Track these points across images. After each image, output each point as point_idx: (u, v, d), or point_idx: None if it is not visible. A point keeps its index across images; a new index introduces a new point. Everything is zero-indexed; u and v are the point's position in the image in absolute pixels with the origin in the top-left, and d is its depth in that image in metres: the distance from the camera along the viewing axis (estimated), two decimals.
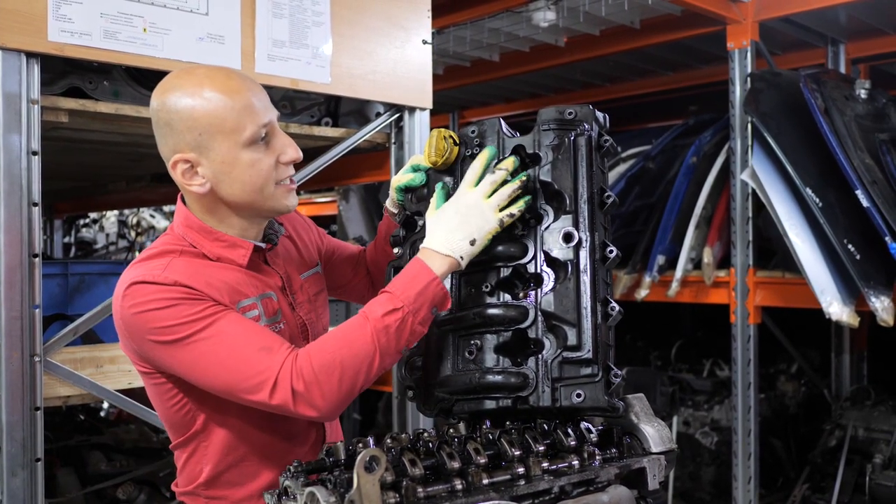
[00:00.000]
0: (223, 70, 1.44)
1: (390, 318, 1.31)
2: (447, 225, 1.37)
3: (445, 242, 1.36)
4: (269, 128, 1.42)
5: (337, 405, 1.31)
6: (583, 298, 1.33)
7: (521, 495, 1.18)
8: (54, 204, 5.20)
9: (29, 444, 1.84)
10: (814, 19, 3.62)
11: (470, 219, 1.36)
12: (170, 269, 1.36)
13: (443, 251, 1.35)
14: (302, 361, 1.29)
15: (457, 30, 3.65)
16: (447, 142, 1.47)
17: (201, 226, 1.45)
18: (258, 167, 1.40)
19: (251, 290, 1.44)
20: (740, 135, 3.41)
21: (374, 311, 1.33)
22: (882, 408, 3.59)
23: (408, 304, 1.32)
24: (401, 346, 1.34)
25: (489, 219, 1.36)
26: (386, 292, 1.35)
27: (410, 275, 1.35)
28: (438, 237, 1.37)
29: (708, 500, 3.97)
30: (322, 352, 1.30)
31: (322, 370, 1.28)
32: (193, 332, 1.31)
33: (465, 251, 1.36)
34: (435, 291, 1.34)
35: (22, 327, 1.84)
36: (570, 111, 1.42)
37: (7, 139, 1.82)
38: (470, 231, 1.35)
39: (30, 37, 1.82)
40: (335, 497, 1.07)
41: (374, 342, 1.30)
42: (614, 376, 1.31)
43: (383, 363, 1.32)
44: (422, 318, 1.33)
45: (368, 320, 1.32)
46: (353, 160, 2.83)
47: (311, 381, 1.27)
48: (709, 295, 3.63)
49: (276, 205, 1.45)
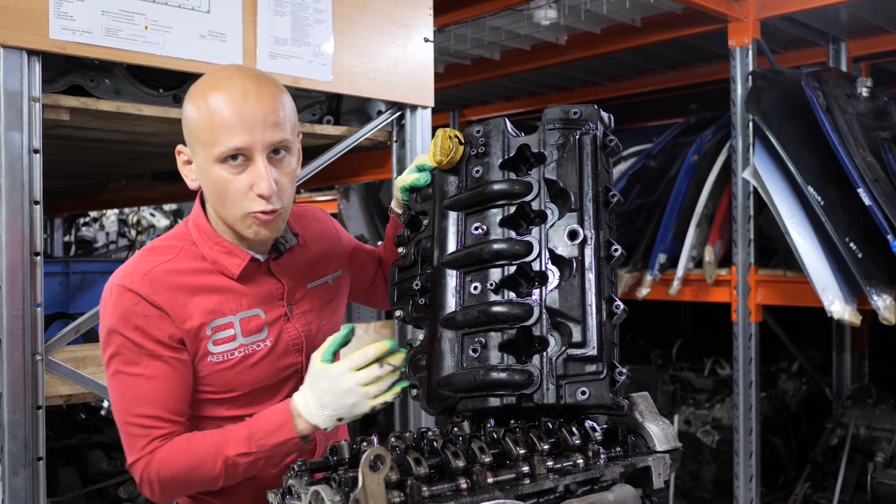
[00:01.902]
0: (239, 80, 1.38)
1: (242, 459, 1.37)
2: (319, 399, 1.37)
3: (314, 413, 1.38)
4: (246, 151, 1.37)
5: (169, 500, 1.46)
6: (588, 296, 1.32)
7: (525, 494, 1.17)
8: (55, 202, 5.20)
9: (30, 442, 1.84)
10: (815, 17, 3.61)
11: (342, 401, 1.37)
12: (152, 275, 1.40)
13: (310, 420, 1.38)
14: (155, 466, 1.38)
15: (458, 28, 3.65)
16: (452, 141, 1.47)
17: (206, 227, 1.47)
18: (225, 187, 1.39)
19: (231, 308, 1.45)
20: (741, 133, 3.41)
21: (230, 447, 1.37)
22: (883, 406, 3.59)
23: (262, 452, 1.37)
24: (247, 476, 1.41)
25: (360, 405, 1.37)
26: (248, 429, 1.38)
27: (275, 425, 1.38)
28: (309, 404, 1.38)
29: (709, 498, 3.97)
30: (171, 463, 1.38)
31: (166, 482, 1.39)
32: (117, 367, 1.40)
33: (332, 424, 1.39)
34: (292, 447, 1.39)
35: (23, 326, 1.83)
36: (575, 111, 1.42)
37: (8, 137, 1.81)
38: (339, 411, 1.37)
39: (31, 34, 1.82)
40: (340, 496, 1.07)
41: (221, 473, 1.38)
42: (619, 374, 1.31)
43: (228, 484, 1.41)
44: (275, 462, 1.40)
45: (221, 455, 1.37)
46: (354, 158, 2.83)
47: (155, 482, 1.39)
48: (710, 293, 3.63)
49: (242, 229, 1.43)
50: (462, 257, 1.42)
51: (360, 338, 2.67)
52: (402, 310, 1.52)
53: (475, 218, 1.44)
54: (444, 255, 1.45)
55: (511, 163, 1.44)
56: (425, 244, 1.50)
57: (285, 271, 1.53)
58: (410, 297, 1.50)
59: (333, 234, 1.69)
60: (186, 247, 1.46)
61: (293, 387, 1.53)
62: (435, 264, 1.46)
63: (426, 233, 1.50)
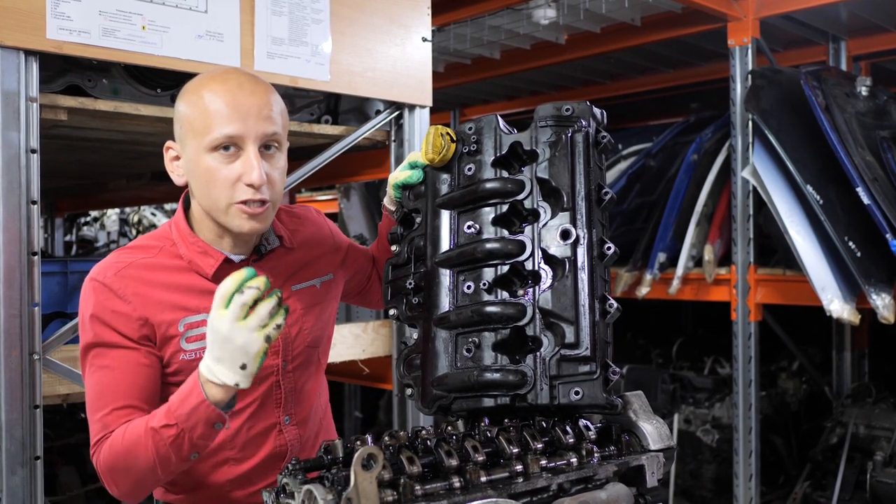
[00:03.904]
0: (235, 76, 1.42)
1: (164, 432, 1.32)
2: (211, 353, 1.29)
3: (215, 371, 1.28)
4: (238, 141, 1.38)
5: (130, 496, 1.40)
6: (580, 296, 1.32)
7: (519, 493, 1.17)
8: (55, 202, 5.21)
9: (28, 442, 1.84)
10: (815, 16, 3.61)
11: (228, 346, 1.26)
12: (124, 273, 1.42)
13: (214, 379, 1.29)
14: (101, 454, 1.37)
15: (457, 27, 3.65)
16: (444, 139, 1.47)
17: (184, 226, 1.48)
18: (214, 176, 1.39)
19: (205, 306, 1.40)
20: (741, 132, 3.40)
21: (153, 421, 1.33)
22: (883, 405, 3.59)
23: (181, 422, 1.31)
24: (184, 456, 1.33)
25: (250, 341, 1.25)
26: (167, 405, 1.34)
27: (185, 392, 1.32)
28: (209, 364, 1.29)
29: (709, 497, 3.96)
30: (112, 451, 1.36)
31: (111, 468, 1.37)
32: (87, 357, 1.42)
33: (239, 376, 1.28)
34: (208, 413, 1.29)
35: (21, 325, 1.84)
36: (567, 107, 1.42)
37: (6, 137, 1.82)
38: (236, 357, 1.26)
39: (28, 34, 1.82)
40: (332, 495, 1.07)
41: (152, 453, 1.32)
42: (612, 373, 1.31)
43: (167, 470, 1.35)
44: (199, 433, 1.32)
45: (147, 430, 1.33)
46: (353, 158, 2.83)
47: (104, 473, 1.38)
48: (710, 292, 3.63)
49: (228, 222, 1.42)
50: (455, 256, 1.42)
51: (358, 337, 2.67)
52: (395, 308, 1.52)
53: (468, 216, 1.44)
54: (438, 254, 1.45)
55: (503, 160, 1.44)
56: (418, 242, 1.50)
57: (266, 273, 1.51)
58: (404, 295, 1.50)
59: (327, 237, 1.68)
60: (166, 246, 1.48)
61: (269, 389, 1.52)
62: (428, 263, 1.46)
63: (419, 231, 1.50)
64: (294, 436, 1.56)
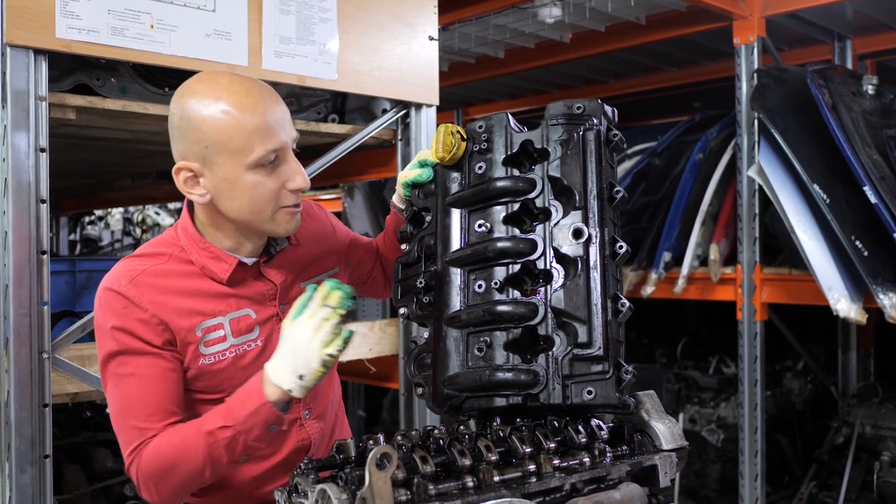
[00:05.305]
0: (246, 83, 1.40)
1: (220, 434, 1.34)
2: (282, 355, 1.35)
3: (277, 373, 1.34)
4: (280, 152, 1.39)
5: (170, 501, 1.41)
6: (593, 295, 1.32)
7: (532, 493, 1.17)
8: (60, 201, 5.22)
9: (37, 440, 1.85)
10: (820, 15, 3.60)
11: (299, 354, 1.32)
12: (139, 280, 1.41)
13: (275, 381, 1.34)
14: (143, 459, 1.36)
15: (462, 26, 3.65)
16: (455, 137, 1.46)
17: (194, 233, 1.47)
18: (260, 190, 1.39)
19: (220, 309, 1.46)
20: (747, 131, 3.40)
21: (208, 424, 1.35)
22: (889, 405, 3.58)
23: (238, 424, 1.33)
24: (236, 459, 1.36)
25: (313, 357, 1.32)
26: (224, 405, 1.37)
27: (246, 394, 1.36)
28: (275, 364, 1.35)
29: (714, 497, 3.96)
30: (158, 456, 1.36)
31: (155, 474, 1.36)
32: (110, 367, 1.41)
33: (295, 385, 1.33)
34: (267, 415, 1.33)
35: (30, 324, 1.84)
36: (578, 105, 1.41)
37: (15, 136, 1.82)
38: (297, 367, 1.32)
39: (37, 34, 1.82)
40: (347, 494, 1.07)
41: (204, 455, 1.34)
42: (625, 373, 1.31)
43: (216, 472, 1.37)
44: (255, 436, 1.34)
45: (201, 433, 1.34)
46: (359, 157, 2.83)
47: (147, 479, 1.37)
48: (715, 292, 3.62)
49: (274, 228, 1.44)
50: (466, 255, 1.42)
51: (364, 336, 2.67)
52: (406, 307, 1.51)
53: (479, 215, 1.44)
54: (448, 252, 1.45)
55: (514, 159, 1.44)
56: (428, 241, 1.49)
57: (277, 272, 1.53)
58: (414, 294, 1.50)
59: (329, 231, 1.69)
60: (175, 252, 1.47)
61: None
62: (438, 262, 1.46)
63: (429, 230, 1.50)
64: (315, 430, 1.57)
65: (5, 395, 1.83)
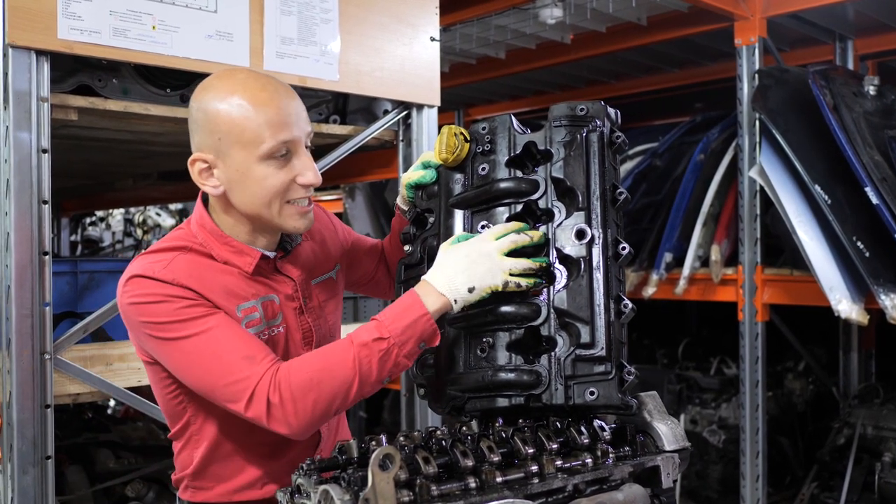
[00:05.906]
0: (261, 78, 1.42)
1: (375, 346, 1.30)
2: (455, 265, 1.33)
3: (447, 281, 1.32)
4: (292, 145, 1.40)
5: (309, 425, 1.32)
6: (596, 296, 1.32)
7: (534, 493, 1.17)
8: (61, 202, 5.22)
9: (39, 441, 1.85)
10: (822, 15, 3.60)
11: (478, 266, 1.31)
12: (172, 266, 1.38)
13: (441, 289, 1.32)
14: (281, 376, 1.29)
15: (463, 27, 3.65)
16: (458, 138, 1.46)
17: (213, 227, 1.47)
18: (269, 182, 1.39)
19: (252, 293, 1.45)
20: (748, 132, 3.40)
21: (360, 337, 1.32)
22: (891, 406, 3.57)
23: (394, 336, 1.30)
24: (383, 376, 1.33)
25: (495, 274, 1.31)
26: (375, 320, 1.34)
27: (403, 306, 1.33)
28: (442, 274, 1.34)
29: (715, 498, 3.96)
30: (302, 370, 1.30)
31: (299, 389, 1.28)
32: (183, 331, 1.33)
33: (462, 296, 1.32)
34: (424, 327, 1.31)
35: (32, 325, 1.84)
36: (581, 107, 1.42)
37: (17, 137, 1.82)
38: (473, 278, 1.31)
39: (39, 35, 1.82)
40: (349, 495, 1.07)
41: (354, 368, 1.30)
42: (627, 374, 1.31)
43: (362, 391, 1.32)
44: (407, 351, 1.32)
45: (353, 345, 1.31)
46: (360, 158, 2.83)
47: (287, 398, 1.28)
48: (716, 293, 3.62)
49: (283, 223, 1.44)
50: None
51: None
52: None
53: (482, 216, 1.44)
54: None
55: (517, 160, 1.44)
56: (431, 242, 1.50)
57: (292, 267, 1.54)
58: None
59: (331, 230, 1.70)
60: (194, 247, 1.45)
61: None
62: None
63: (432, 231, 1.50)
64: (322, 428, 1.56)
65: (7, 396, 1.83)
